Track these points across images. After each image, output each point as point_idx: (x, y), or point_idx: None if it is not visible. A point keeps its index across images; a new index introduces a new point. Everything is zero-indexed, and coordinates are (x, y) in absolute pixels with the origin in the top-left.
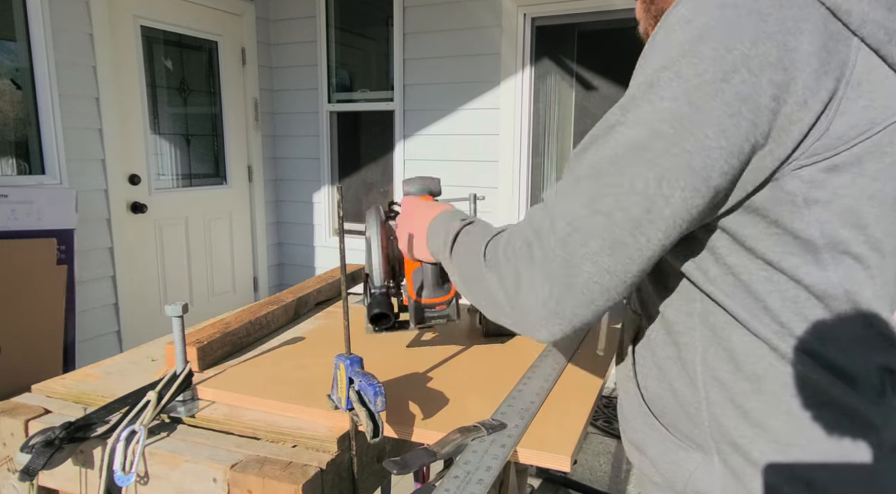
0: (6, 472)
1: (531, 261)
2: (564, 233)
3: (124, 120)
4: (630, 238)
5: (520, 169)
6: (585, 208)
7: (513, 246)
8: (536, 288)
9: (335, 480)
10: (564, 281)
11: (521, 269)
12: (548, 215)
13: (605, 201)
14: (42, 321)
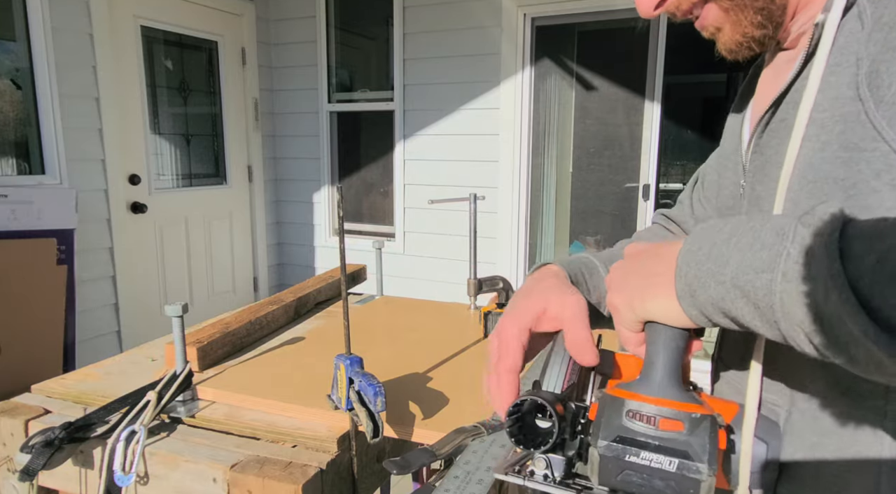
0: (6, 472)
1: None
2: None
3: (124, 120)
4: None
5: (520, 169)
6: None
7: None
8: None
9: (335, 480)
10: None
11: None
12: None
13: None
14: (42, 321)
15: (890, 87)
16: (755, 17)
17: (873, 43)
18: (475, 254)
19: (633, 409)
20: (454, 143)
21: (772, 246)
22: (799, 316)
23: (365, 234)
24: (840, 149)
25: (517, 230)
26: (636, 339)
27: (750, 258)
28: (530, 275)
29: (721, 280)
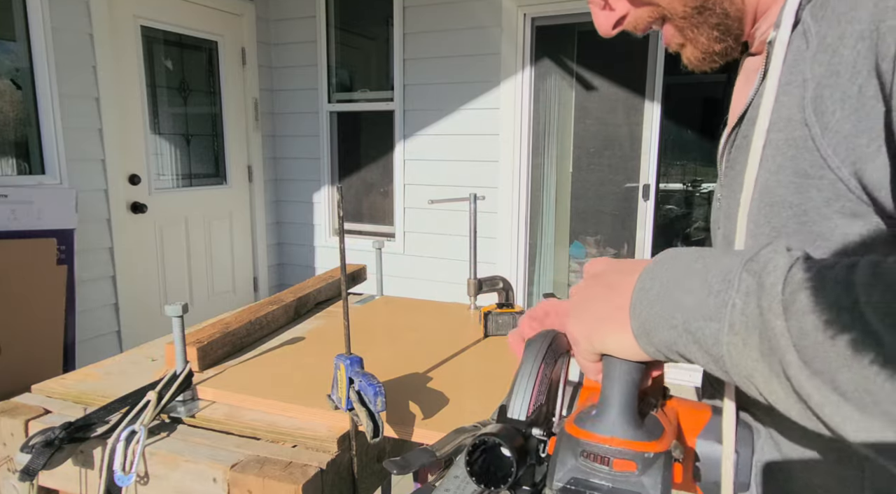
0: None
1: None
2: None
3: (124, 120)
4: None
5: (520, 169)
6: None
7: None
8: None
9: (335, 480)
10: None
11: None
12: None
13: None
14: (42, 321)
15: (833, 114)
16: (711, 33)
17: (818, 64)
18: (475, 254)
19: (588, 450)
20: (454, 143)
21: (719, 292)
22: (747, 370)
23: (365, 234)
24: (792, 174)
25: (517, 230)
26: (594, 368)
27: (699, 304)
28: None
29: (673, 324)
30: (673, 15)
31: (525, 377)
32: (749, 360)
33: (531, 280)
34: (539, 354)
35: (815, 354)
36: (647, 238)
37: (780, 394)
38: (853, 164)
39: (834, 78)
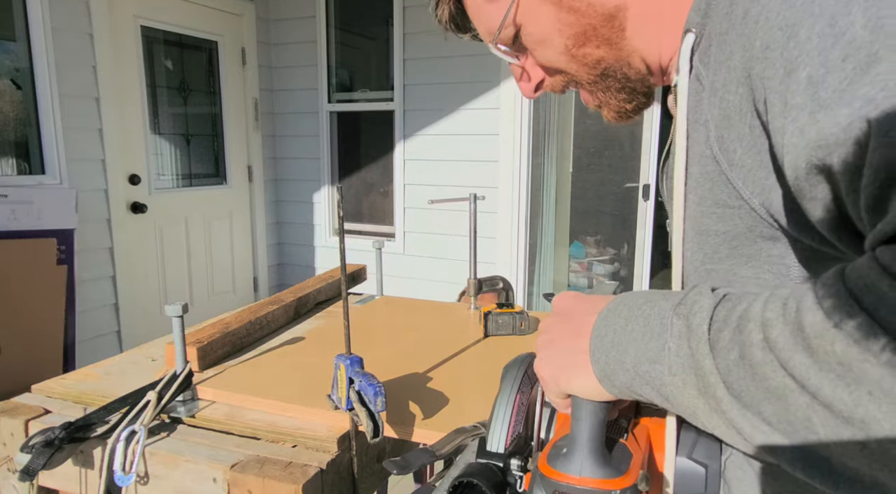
0: (6, 472)
1: None
2: None
3: (124, 120)
4: None
5: (520, 169)
6: None
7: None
8: None
9: (335, 480)
10: None
11: None
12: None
13: None
14: (42, 321)
15: (735, 152)
16: (619, 95)
17: (713, 106)
18: (475, 254)
19: (559, 490)
20: (454, 143)
21: (658, 335)
22: (690, 408)
23: (365, 234)
24: (713, 205)
25: (517, 230)
26: (563, 404)
27: (644, 348)
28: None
29: (626, 368)
30: (581, 81)
31: (502, 409)
32: (690, 398)
33: (531, 280)
34: (515, 383)
35: (742, 388)
36: (647, 238)
37: (722, 428)
38: (760, 195)
39: (727, 120)
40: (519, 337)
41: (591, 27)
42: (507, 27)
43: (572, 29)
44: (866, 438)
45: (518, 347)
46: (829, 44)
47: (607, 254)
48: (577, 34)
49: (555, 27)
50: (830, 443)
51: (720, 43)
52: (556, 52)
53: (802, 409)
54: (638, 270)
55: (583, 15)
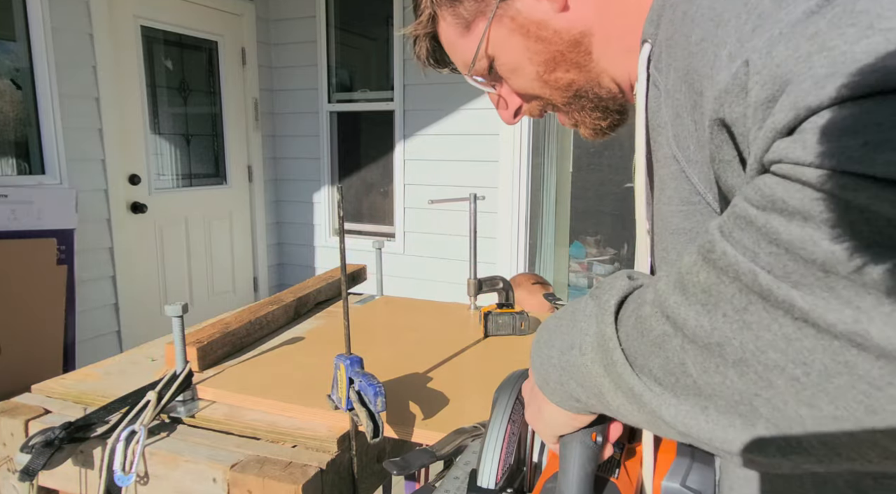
0: (6, 472)
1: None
2: None
3: (124, 120)
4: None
5: (520, 169)
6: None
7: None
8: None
9: (335, 480)
10: None
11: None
12: None
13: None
14: (42, 321)
15: (689, 148)
16: (593, 114)
17: (668, 107)
18: (475, 254)
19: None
20: (454, 143)
21: (576, 322)
22: (597, 388)
23: (365, 234)
24: (679, 202)
25: (517, 230)
26: (555, 447)
27: (564, 337)
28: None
29: (553, 363)
30: (556, 104)
31: (492, 443)
32: (597, 377)
33: None
34: (506, 412)
35: (635, 349)
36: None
37: (626, 406)
38: (711, 190)
39: (679, 119)
40: (519, 337)
41: (559, 53)
42: (481, 59)
43: (541, 56)
44: (723, 360)
45: (518, 347)
46: (743, 20)
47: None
48: (547, 61)
49: (525, 56)
50: (699, 379)
51: (668, 47)
52: (529, 78)
53: (678, 353)
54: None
55: (550, 43)
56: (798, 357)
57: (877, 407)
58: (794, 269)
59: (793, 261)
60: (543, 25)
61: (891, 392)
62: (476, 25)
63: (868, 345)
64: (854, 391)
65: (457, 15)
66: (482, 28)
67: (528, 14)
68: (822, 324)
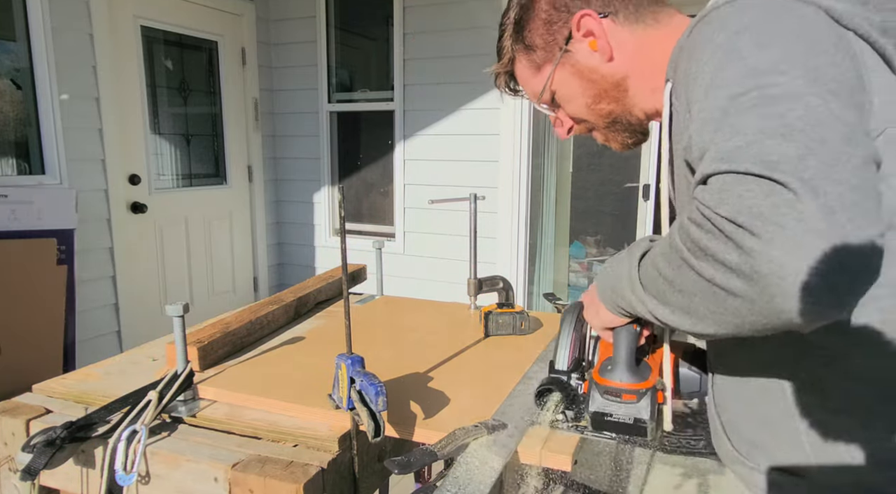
0: (8, 472)
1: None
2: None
3: (124, 120)
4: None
5: (520, 169)
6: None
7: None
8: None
9: (336, 479)
10: None
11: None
12: None
13: None
14: (42, 321)
15: (692, 153)
16: (624, 134)
17: (680, 125)
18: (475, 254)
19: (607, 390)
20: (454, 143)
21: (621, 264)
22: (633, 306)
23: (365, 234)
24: (689, 199)
25: (517, 230)
26: (607, 335)
27: (614, 272)
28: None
29: (608, 286)
30: (597, 127)
31: (564, 340)
32: (629, 295)
33: (531, 280)
34: (571, 323)
35: (646, 282)
36: None
37: (643, 310)
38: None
39: (682, 134)
40: (519, 336)
41: (605, 91)
42: (546, 92)
43: (591, 92)
44: (674, 289)
45: (518, 346)
46: (699, 90)
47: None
48: (595, 95)
49: (579, 91)
50: (669, 298)
51: (677, 84)
52: (581, 107)
53: (661, 284)
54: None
55: (598, 83)
56: (695, 287)
57: (710, 306)
58: (695, 251)
59: (696, 247)
60: (594, 71)
61: (695, 300)
62: (544, 68)
63: (713, 284)
64: (708, 300)
65: (530, 60)
66: (549, 70)
67: (584, 62)
68: (701, 274)
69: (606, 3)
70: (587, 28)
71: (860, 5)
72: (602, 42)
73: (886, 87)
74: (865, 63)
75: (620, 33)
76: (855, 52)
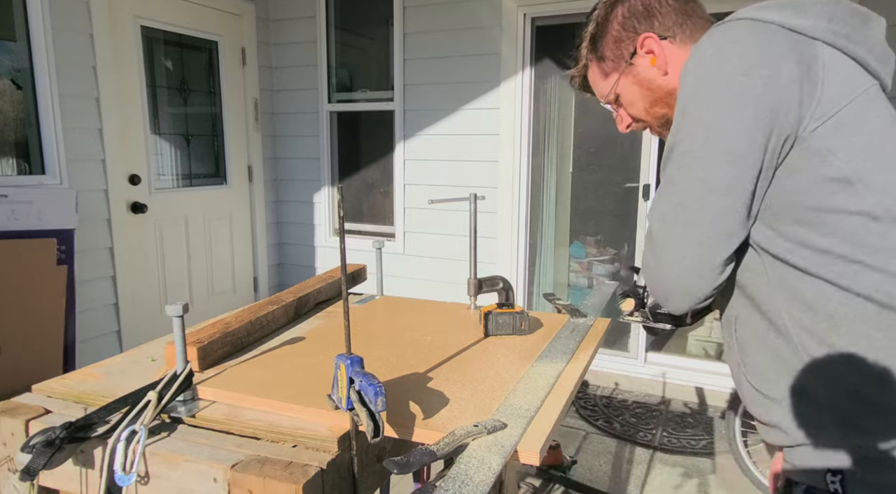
0: (7, 472)
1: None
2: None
3: (124, 120)
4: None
5: (520, 169)
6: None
7: None
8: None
9: (335, 480)
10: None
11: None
12: None
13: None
14: (42, 321)
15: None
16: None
17: None
18: (475, 254)
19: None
20: (454, 143)
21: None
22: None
23: (365, 234)
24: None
25: (517, 230)
26: None
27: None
28: None
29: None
30: (651, 126)
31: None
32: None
33: (531, 280)
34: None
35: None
36: None
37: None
38: None
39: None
40: (519, 336)
41: (660, 98)
42: (611, 94)
43: (648, 98)
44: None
45: (518, 346)
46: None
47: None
48: (651, 101)
49: (638, 97)
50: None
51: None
52: (639, 109)
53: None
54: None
55: (654, 91)
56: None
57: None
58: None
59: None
60: (652, 82)
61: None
62: (612, 75)
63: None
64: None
65: (601, 68)
66: (615, 78)
67: (644, 75)
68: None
69: (667, 28)
70: (649, 47)
71: (826, 21)
72: (660, 60)
73: (842, 81)
74: (824, 62)
75: (676, 52)
76: (811, 56)
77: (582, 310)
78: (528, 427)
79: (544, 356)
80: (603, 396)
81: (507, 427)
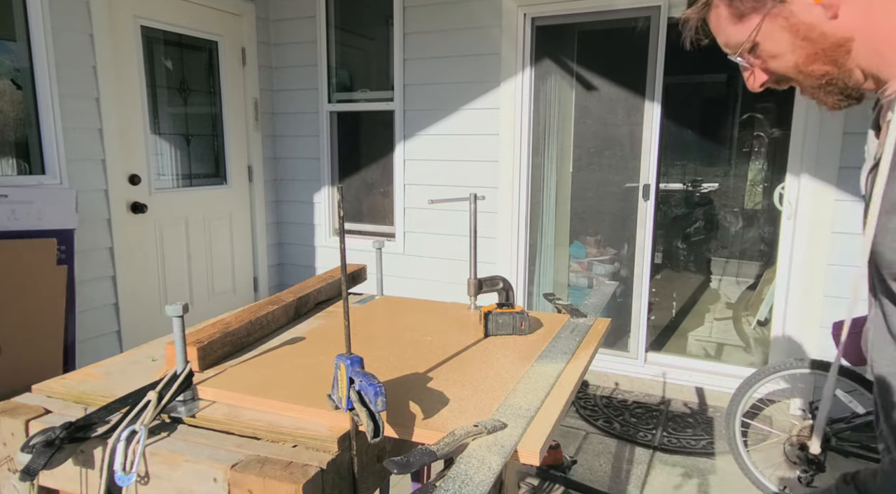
0: (7, 472)
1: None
2: None
3: (124, 120)
4: None
5: (520, 169)
6: None
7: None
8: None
9: (335, 480)
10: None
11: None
12: None
13: None
14: (42, 321)
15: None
16: (837, 97)
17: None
18: (475, 254)
19: None
20: (454, 143)
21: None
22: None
23: (365, 234)
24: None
25: (517, 230)
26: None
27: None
28: None
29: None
30: (804, 87)
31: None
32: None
33: (531, 280)
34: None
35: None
36: (647, 238)
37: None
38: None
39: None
40: (519, 336)
41: (822, 51)
42: (748, 43)
43: (804, 51)
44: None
45: (518, 346)
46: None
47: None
48: (809, 55)
49: (789, 48)
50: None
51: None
52: (787, 65)
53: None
54: (638, 270)
55: (815, 42)
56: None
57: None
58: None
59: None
60: (813, 28)
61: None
62: (750, 18)
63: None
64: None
65: (733, 7)
66: (755, 21)
67: (802, 17)
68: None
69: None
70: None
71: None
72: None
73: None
74: None
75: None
76: None
77: (582, 310)
78: (528, 428)
79: (544, 356)
80: (603, 396)
81: (507, 427)
